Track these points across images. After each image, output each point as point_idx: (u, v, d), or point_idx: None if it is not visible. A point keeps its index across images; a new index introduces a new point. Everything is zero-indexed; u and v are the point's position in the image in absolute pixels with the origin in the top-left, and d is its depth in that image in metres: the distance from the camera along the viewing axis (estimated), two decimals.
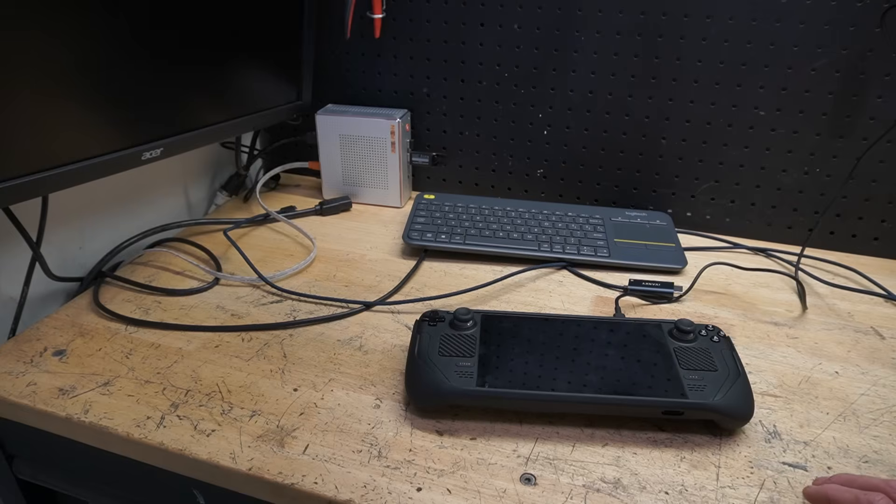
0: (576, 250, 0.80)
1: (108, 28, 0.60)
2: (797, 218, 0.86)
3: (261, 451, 0.51)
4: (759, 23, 0.77)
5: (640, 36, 0.81)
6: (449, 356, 0.56)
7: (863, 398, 0.59)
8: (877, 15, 0.73)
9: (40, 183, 0.58)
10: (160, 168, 0.88)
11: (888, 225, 0.83)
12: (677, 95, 0.83)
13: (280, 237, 0.86)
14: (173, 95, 0.70)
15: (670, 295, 0.73)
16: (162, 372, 0.60)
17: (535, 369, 0.55)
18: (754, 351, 0.65)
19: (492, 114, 0.92)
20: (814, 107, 0.79)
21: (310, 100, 0.92)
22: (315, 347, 0.64)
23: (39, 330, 0.66)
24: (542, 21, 0.84)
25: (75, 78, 0.59)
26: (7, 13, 0.51)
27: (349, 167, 0.94)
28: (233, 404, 0.56)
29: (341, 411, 0.56)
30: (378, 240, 0.86)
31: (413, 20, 0.89)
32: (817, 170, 0.82)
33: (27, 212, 0.65)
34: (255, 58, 0.79)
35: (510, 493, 0.48)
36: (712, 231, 0.90)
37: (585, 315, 0.65)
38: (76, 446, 0.57)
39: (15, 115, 0.54)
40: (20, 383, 0.58)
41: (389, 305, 0.71)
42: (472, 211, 0.87)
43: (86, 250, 0.78)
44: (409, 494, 0.48)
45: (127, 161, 0.66)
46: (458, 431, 0.54)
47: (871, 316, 0.71)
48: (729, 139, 0.84)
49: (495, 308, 0.71)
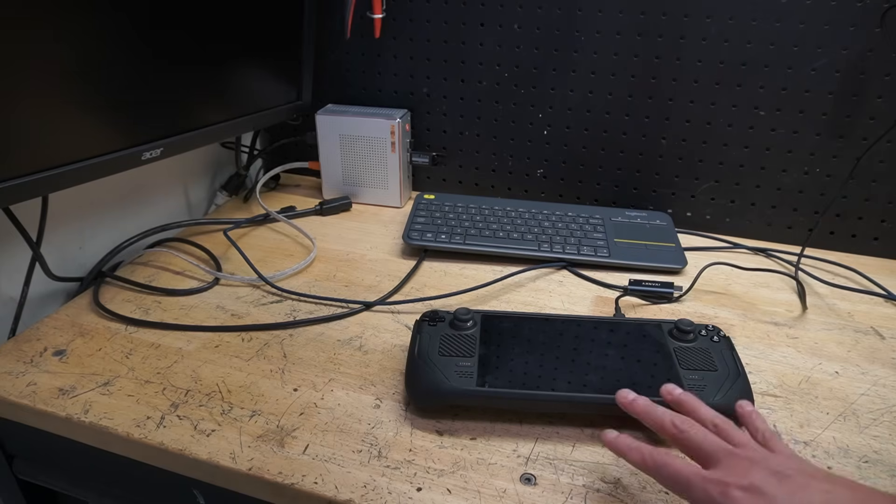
0: (576, 250, 0.80)
1: (108, 28, 0.60)
2: (797, 218, 0.86)
3: (261, 451, 0.51)
4: (759, 23, 0.77)
5: (640, 36, 0.81)
6: (449, 356, 0.56)
7: (863, 398, 0.59)
8: (877, 15, 0.73)
9: (40, 183, 0.58)
10: (160, 168, 0.88)
11: (888, 225, 0.83)
12: (677, 95, 0.83)
13: (280, 237, 0.86)
14: (173, 95, 0.70)
15: (670, 295, 0.73)
16: (162, 372, 0.60)
17: (535, 369, 0.55)
18: (754, 351, 0.65)
19: (492, 114, 0.92)
20: (814, 107, 0.79)
21: (310, 100, 0.92)
22: (315, 347, 0.64)
23: (39, 330, 0.66)
24: (542, 21, 0.84)
25: (76, 78, 0.59)
26: (8, 13, 0.51)
27: (349, 167, 0.94)
28: (233, 404, 0.56)
29: (341, 411, 0.56)
30: (378, 240, 0.86)
31: (413, 20, 0.89)
32: (817, 170, 0.82)
33: (27, 212, 0.65)
34: (255, 58, 0.79)
35: (510, 493, 0.48)
36: (712, 231, 0.90)
37: (585, 315, 0.65)
38: (76, 446, 0.57)
39: (15, 115, 0.54)
40: (20, 383, 0.58)
41: (389, 305, 0.71)
42: (472, 211, 0.87)
43: (86, 250, 0.78)
44: (409, 494, 0.48)
45: (127, 161, 0.66)
46: (458, 431, 0.54)
47: (871, 316, 0.71)
48: (729, 139, 0.84)
49: (495, 308, 0.71)
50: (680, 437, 0.43)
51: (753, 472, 0.39)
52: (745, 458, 0.40)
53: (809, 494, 0.37)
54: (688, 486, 0.40)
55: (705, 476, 0.39)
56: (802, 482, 0.38)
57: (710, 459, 0.41)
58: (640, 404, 0.47)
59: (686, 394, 0.48)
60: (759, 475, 0.38)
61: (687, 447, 0.43)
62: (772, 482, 0.38)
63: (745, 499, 0.37)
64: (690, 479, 0.40)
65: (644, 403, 0.47)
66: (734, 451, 0.41)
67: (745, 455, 0.40)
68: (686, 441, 0.43)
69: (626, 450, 0.44)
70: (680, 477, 0.40)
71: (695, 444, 0.42)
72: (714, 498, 0.38)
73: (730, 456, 0.41)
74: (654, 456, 0.42)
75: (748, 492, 0.37)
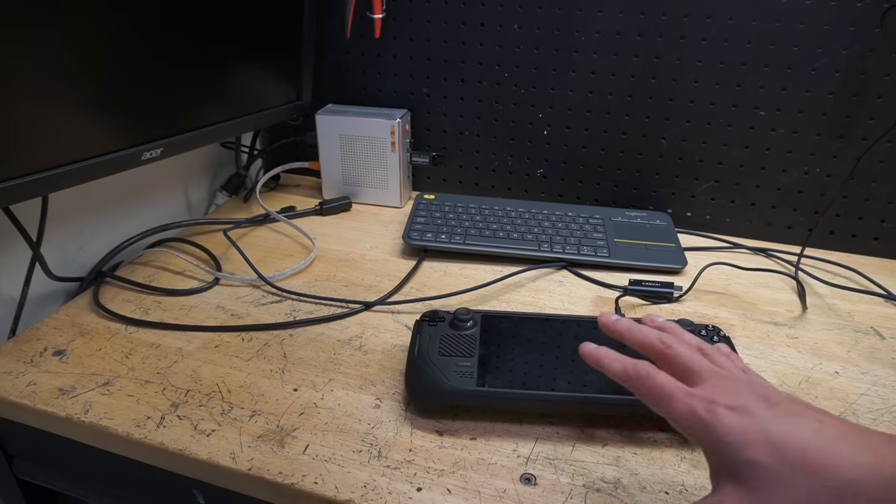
0: (576, 250, 0.80)
1: (108, 28, 0.60)
2: (797, 218, 0.86)
3: (261, 451, 0.51)
4: (759, 23, 0.77)
5: (640, 36, 0.81)
6: (449, 356, 0.56)
7: (863, 398, 0.59)
8: (877, 15, 0.73)
9: (40, 183, 0.58)
10: (160, 168, 0.88)
11: (888, 225, 0.83)
12: (677, 95, 0.83)
13: (280, 237, 0.86)
14: (173, 95, 0.70)
15: (670, 295, 0.73)
16: (162, 372, 0.60)
17: (535, 369, 0.55)
18: (754, 351, 0.65)
19: (492, 114, 0.92)
20: (814, 107, 0.79)
21: (310, 100, 0.92)
22: (315, 347, 0.64)
23: (39, 330, 0.66)
24: (542, 21, 0.84)
25: (76, 78, 0.59)
26: (7, 13, 0.51)
27: (349, 167, 0.94)
28: (233, 404, 0.56)
29: (341, 411, 0.56)
30: (378, 240, 0.86)
31: (413, 20, 0.89)
32: (817, 170, 0.82)
33: (27, 212, 0.65)
34: (255, 58, 0.79)
35: (510, 493, 0.48)
36: (712, 231, 0.90)
37: (585, 315, 0.65)
38: (76, 446, 0.57)
39: (15, 115, 0.54)
40: (20, 383, 0.58)
41: (389, 305, 0.71)
42: (472, 211, 0.87)
43: (86, 250, 0.78)
44: (409, 494, 0.48)
45: (127, 161, 0.66)
46: (458, 431, 0.54)
47: (871, 316, 0.71)
48: (729, 139, 0.84)
49: (495, 308, 0.71)
50: (666, 353, 0.41)
51: (741, 394, 0.37)
52: (732, 380, 0.38)
53: (803, 420, 0.35)
54: (670, 400, 0.38)
55: (690, 391, 0.38)
56: (795, 409, 0.36)
57: (696, 377, 0.39)
58: (624, 323, 0.45)
59: (669, 321, 0.46)
60: (748, 397, 0.37)
61: (673, 364, 0.41)
62: (761, 405, 0.36)
63: (731, 416, 0.35)
64: (674, 393, 0.38)
65: (628, 322, 0.45)
66: (720, 372, 0.39)
67: (733, 376, 0.39)
68: (673, 357, 0.41)
69: (606, 359, 0.42)
70: (663, 389, 0.38)
71: (682, 360, 0.40)
72: (698, 413, 0.36)
73: (716, 376, 0.39)
74: (637, 366, 0.40)
75: (735, 411, 0.36)
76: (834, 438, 0.34)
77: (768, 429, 0.34)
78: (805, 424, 0.35)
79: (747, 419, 0.35)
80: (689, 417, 0.36)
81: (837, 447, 0.33)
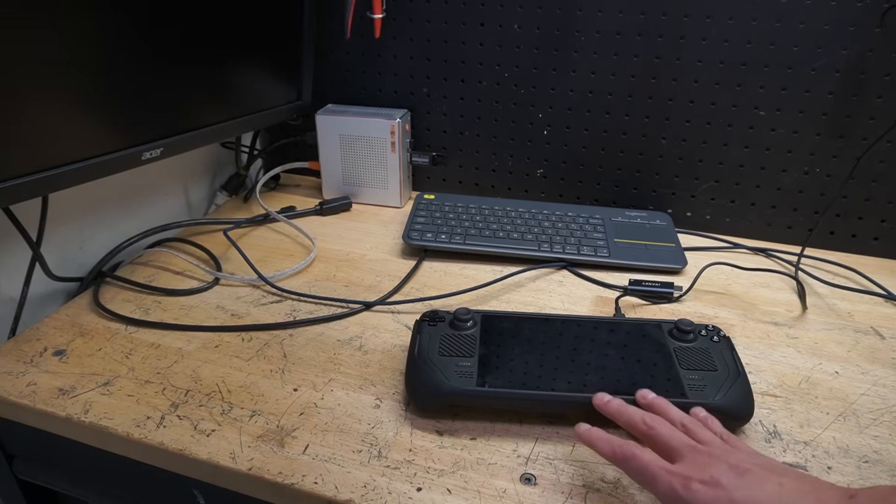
0: (576, 250, 0.80)
1: (108, 28, 0.60)
2: (797, 218, 0.86)
3: (261, 451, 0.51)
4: (759, 23, 0.77)
5: (640, 36, 0.81)
6: (449, 356, 0.56)
7: (863, 398, 0.59)
8: (877, 15, 0.73)
9: (40, 183, 0.58)
10: (160, 168, 0.88)
11: (888, 225, 0.83)
12: (677, 95, 0.83)
13: (280, 237, 0.86)
14: (173, 95, 0.70)
15: (670, 295, 0.73)
16: (162, 372, 0.60)
17: (535, 369, 0.55)
18: (754, 351, 0.65)
19: (492, 114, 0.92)
20: (814, 107, 0.79)
21: (310, 100, 0.92)
22: (315, 347, 0.64)
23: (39, 330, 0.66)
24: (542, 21, 0.84)
25: (76, 78, 0.59)
26: (8, 13, 0.51)
27: (349, 167, 0.94)
28: (233, 404, 0.56)
29: (341, 411, 0.56)
30: (378, 240, 0.86)
31: (413, 20, 0.89)
32: (817, 170, 0.82)
33: (27, 212, 0.65)
34: (255, 58, 0.79)
35: (510, 493, 0.48)
36: (712, 231, 0.90)
37: (585, 315, 0.65)
38: (76, 446, 0.57)
39: (15, 115, 0.54)
40: (20, 383, 0.58)
41: (389, 305, 0.71)
42: (472, 211, 0.87)
43: (86, 250, 0.78)
44: (409, 494, 0.48)
45: (127, 161, 0.66)
46: (458, 431, 0.54)
47: (871, 316, 0.71)
48: (729, 139, 0.84)
49: (495, 308, 0.71)
50: (649, 433, 0.46)
51: (714, 466, 0.41)
52: (706, 454, 0.42)
53: (765, 487, 0.39)
54: (654, 479, 0.42)
55: (670, 469, 0.42)
56: (761, 475, 0.40)
57: (675, 454, 0.43)
58: (615, 405, 0.49)
59: (659, 398, 0.51)
60: (718, 469, 0.41)
61: (655, 442, 0.45)
62: (730, 475, 0.40)
63: (704, 491, 0.39)
64: (656, 473, 0.42)
65: (618, 404, 0.49)
66: (697, 447, 0.43)
67: (708, 451, 0.43)
68: (654, 437, 0.45)
69: (598, 441, 0.46)
70: (647, 469, 0.42)
71: (662, 439, 0.45)
72: (677, 490, 0.40)
73: (693, 451, 0.43)
74: (623, 448, 0.44)
75: (707, 485, 0.40)
76: (792, 501, 0.38)
77: (734, 498, 0.39)
78: (767, 490, 0.39)
79: (718, 491, 0.39)
80: (670, 493, 0.41)
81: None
